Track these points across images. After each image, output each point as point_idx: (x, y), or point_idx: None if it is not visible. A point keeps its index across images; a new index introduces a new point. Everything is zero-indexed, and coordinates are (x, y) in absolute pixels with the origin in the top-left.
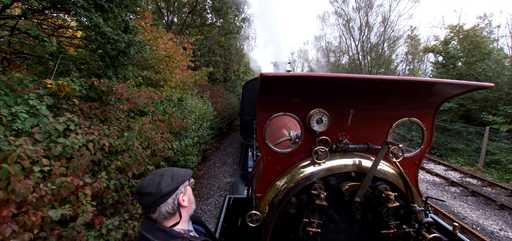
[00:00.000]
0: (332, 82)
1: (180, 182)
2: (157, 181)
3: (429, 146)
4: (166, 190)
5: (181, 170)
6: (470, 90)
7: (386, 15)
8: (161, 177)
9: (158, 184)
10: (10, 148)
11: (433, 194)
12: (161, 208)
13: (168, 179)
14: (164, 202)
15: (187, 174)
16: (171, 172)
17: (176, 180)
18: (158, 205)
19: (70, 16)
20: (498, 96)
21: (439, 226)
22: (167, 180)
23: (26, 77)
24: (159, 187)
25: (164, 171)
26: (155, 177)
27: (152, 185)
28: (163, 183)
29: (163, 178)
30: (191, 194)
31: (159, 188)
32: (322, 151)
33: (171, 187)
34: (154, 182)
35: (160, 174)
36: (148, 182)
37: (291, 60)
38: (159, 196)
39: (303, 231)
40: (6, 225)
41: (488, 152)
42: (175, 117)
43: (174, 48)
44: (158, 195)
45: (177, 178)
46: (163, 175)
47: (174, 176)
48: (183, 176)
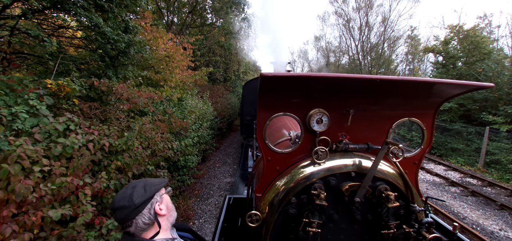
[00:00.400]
0: (332, 82)
1: (154, 191)
2: (129, 193)
3: (429, 146)
4: (139, 201)
5: (154, 179)
6: (470, 90)
7: (386, 15)
8: (133, 189)
9: (130, 196)
10: (10, 148)
11: (433, 194)
12: (137, 220)
13: (140, 190)
14: (140, 214)
15: (161, 183)
16: (144, 183)
17: (149, 189)
18: (133, 217)
19: (70, 16)
20: (498, 96)
21: (439, 226)
22: (139, 191)
23: (26, 77)
24: (131, 199)
25: (136, 183)
26: (127, 190)
27: (124, 198)
28: (135, 194)
29: (135, 190)
30: (169, 202)
31: (131, 200)
32: (322, 151)
33: (145, 197)
34: (126, 195)
35: (132, 186)
36: (119, 197)
37: (291, 60)
38: (133, 208)
39: (303, 231)
40: (6, 225)
41: (488, 152)
42: (175, 117)
43: (174, 48)
44: (131, 207)
45: (150, 188)
46: (135, 187)
47: (147, 186)
48: (157, 185)
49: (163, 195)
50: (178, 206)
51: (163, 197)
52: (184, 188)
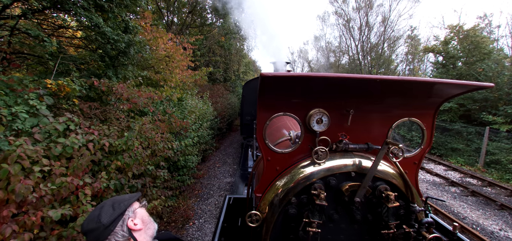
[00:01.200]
0: (332, 82)
1: (123, 207)
2: (96, 215)
3: (429, 146)
4: (107, 220)
5: (125, 196)
6: (470, 90)
7: (386, 15)
8: (100, 209)
9: (98, 217)
10: (10, 148)
11: (433, 194)
12: (111, 240)
13: (108, 209)
14: (111, 233)
15: (132, 197)
16: (112, 202)
17: (118, 207)
18: (104, 238)
19: (70, 16)
20: (498, 96)
21: (439, 226)
22: (107, 211)
23: (26, 77)
24: (99, 220)
25: (104, 203)
26: (95, 212)
27: (92, 221)
28: (103, 214)
29: (102, 210)
30: (146, 215)
31: (99, 221)
32: (322, 151)
33: (113, 215)
34: (94, 217)
35: (100, 207)
36: (88, 220)
37: (291, 60)
38: (102, 229)
39: (303, 231)
40: (6, 225)
41: (488, 152)
42: (175, 117)
43: (174, 48)
44: (100, 228)
45: (119, 205)
46: (102, 207)
47: (115, 204)
48: (127, 200)
49: (136, 210)
50: (178, 206)
51: (137, 212)
52: (184, 188)
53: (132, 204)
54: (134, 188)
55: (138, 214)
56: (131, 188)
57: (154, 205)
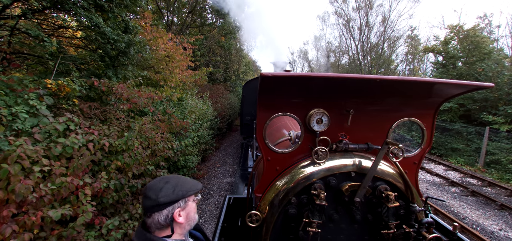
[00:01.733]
0: (332, 82)
1: (181, 196)
2: (159, 187)
3: (429, 146)
4: (163, 200)
5: (188, 182)
6: (470, 90)
7: (386, 15)
8: (164, 184)
9: (158, 191)
10: (10, 148)
11: (433, 194)
12: (154, 217)
13: (169, 188)
14: (159, 212)
15: (191, 189)
16: (176, 182)
17: (177, 192)
18: (153, 212)
19: (70, 16)
20: (498, 96)
21: (439, 226)
22: (167, 190)
23: (26, 77)
24: (157, 194)
25: (170, 178)
26: (159, 183)
27: (153, 190)
28: (163, 191)
29: (165, 186)
30: (192, 211)
31: (157, 196)
32: (322, 151)
33: (169, 198)
34: (156, 188)
35: (165, 180)
36: (151, 186)
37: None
38: (155, 204)
39: (303, 231)
40: (6, 225)
41: (488, 152)
42: (175, 117)
43: (174, 48)
44: (154, 202)
45: (179, 191)
46: (167, 182)
47: (177, 188)
48: (186, 190)
49: (189, 202)
50: None
51: (188, 205)
52: None
53: (189, 196)
54: (134, 188)
55: (187, 207)
56: (131, 188)
57: None
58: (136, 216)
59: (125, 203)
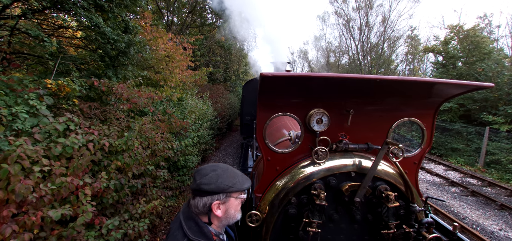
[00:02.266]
0: (332, 82)
1: (222, 189)
2: (205, 173)
3: (429, 146)
4: (204, 187)
5: (235, 177)
6: (470, 90)
7: (386, 15)
8: (211, 171)
9: (202, 177)
10: (10, 148)
11: (433, 194)
12: (196, 200)
13: (213, 178)
14: (200, 197)
15: (235, 185)
16: (223, 173)
17: (219, 184)
18: (195, 195)
19: (70, 16)
20: (498, 96)
21: (439, 226)
22: (211, 178)
23: (26, 77)
24: (202, 180)
25: (219, 168)
26: (208, 169)
27: (199, 174)
28: (206, 179)
29: (210, 174)
30: (233, 209)
31: (200, 181)
32: (322, 151)
33: (209, 187)
34: (203, 173)
35: (214, 168)
36: (200, 169)
37: (291, 60)
38: (198, 189)
39: (303, 231)
40: (6, 225)
41: (488, 152)
42: (175, 117)
43: (174, 48)
44: (197, 186)
45: (221, 183)
46: (215, 170)
47: (221, 179)
48: (229, 185)
49: (231, 198)
50: (178, 206)
51: (230, 200)
52: (184, 188)
53: (233, 192)
54: (134, 188)
55: (228, 203)
56: (131, 188)
57: (154, 205)
58: (136, 216)
59: (125, 203)
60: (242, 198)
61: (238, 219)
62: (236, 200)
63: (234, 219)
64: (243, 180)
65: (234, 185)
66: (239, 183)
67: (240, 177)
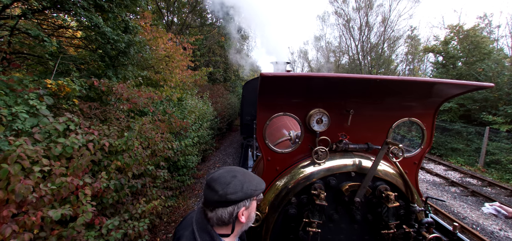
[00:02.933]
0: (332, 82)
1: (249, 194)
2: (227, 181)
3: (429, 146)
4: (231, 197)
5: (254, 179)
6: (470, 90)
7: (386, 15)
8: (232, 178)
9: (226, 186)
10: (10, 148)
11: (433, 194)
12: (218, 212)
13: (237, 185)
14: (224, 208)
15: (257, 188)
16: (244, 178)
17: (246, 190)
18: (217, 207)
19: (70, 16)
20: (498, 96)
21: (439, 226)
22: (236, 186)
23: (26, 77)
24: (226, 189)
25: (237, 172)
26: (227, 176)
27: (221, 184)
28: (231, 187)
29: (233, 181)
30: (254, 211)
31: (225, 191)
32: (322, 151)
33: (237, 196)
34: (223, 181)
35: (233, 174)
36: (217, 177)
37: (291, 60)
38: (223, 200)
39: (303, 231)
40: (6, 225)
41: (488, 152)
42: (175, 117)
43: (174, 48)
44: (221, 197)
45: (247, 188)
46: (235, 176)
47: (245, 185)
48: (254, 189)
49: (253, 202)
50: (178, 206)
51: (252, 204)
52: (184, 188)
53: (256, 195)
54: (134, 188)
55: (250, 208)
56: (131, 188)
57: (154, 205)
58: (136, 216)
59: (125, 203)
60: (260, 198)
61: (254, 218)
62: (255, 202)
63: (253, 220)
64: (260, 181)
65: (257, 187)
66: (259, 184)
67: (257, 178)
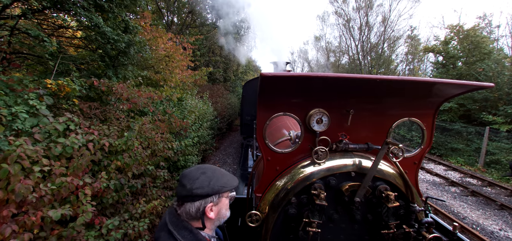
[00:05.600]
0: (332, 82)
1: (216, 190)
2: (195, 177)
3: (429, 146)
4: (196, 192)
5: (224, 176)
6: (470, 90)
7: (386, 15)
8: (200, 174)
9: (193, 181)
10: (10, 148)
11: (433, 194)
12: (186, 206)
13: (204, 180)
14: (191, 203)
15: (226, 185)
16: (213, 174)
17: (212, 186)
18: (185, 201)
19: (70, 16)
20: (498, 96)
21: (439, 226)
22: (203, 182)
23: (26, 77)
24: (192, 184)
25: (207, 169)
26: (196, 172)
27: (188, 179)
28: (198, 182)
29: (201, 177)
30: (224, 208)
31: (191, 186)
32: (322, 151)
33: (203, 191)
34: (192, 177)
35: (202, 171)
36: (187, 174)
37: (291, 60)
38: (189, 194)
39: (303, 231)
40: (6, 225)
41: (488, 152)
42: (175, 117)
43: (173, 48)
44: (188, 192)
45: (214, 185)
46: (204, 173)
47: (213, 181)
48: (221, 186)
49: (222, 198)
50: None
51: (221, 201)
52: None
53: (224, 192)
54: (134, 188)
55: (220, 203)
56: (131, 188)
57: (154, 205)
58: (136, 216)
59: (125, 203)
60: (232, 196)
61: (227, 217)
62: (227, 199)
63: (225, 218)
64: (232, 178)
65: (226, 184)
66: (229, 182)
67: (228, 175)
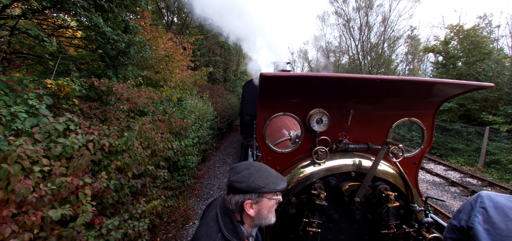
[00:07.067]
0: (332, 82)
1: (253, 188)
2: (239, 170)
3: (429, 146)
4: (235, 185)
5: (269, 177)
6: (470, 90)
7: (386, 15)
8: (245, 169)
9: (236, 174)
10: (10, 148)
11: (433, 194)
12: (228, 196)
13: (245, 176)
14: (232, 194)
15: (267, 186)
16: (256, 172)
17: (251, 183)
18: (229, 192)
19: (70, 16)
20: (498, 96)
21: (439, 226)
22: (244, 177)
23: (26, 77)
24: (234, 177)
25: (252, 166)
26: (242, 166)
27: (234, 171)
28: (239, 177)
29: (244, 172)
30: (266, 210)
31: (233, 178)
32: (322, 151)
33: (241, 186)
34: (237, 170)
35: (247, 167)
36: (236, 165)
37: (291, 60)
38: (229, 185)
39: (303, 231)
40: (6, 225)
41: (488, 152)
42: (175, 117)
43: (173, 48)
44: (229, 183)
45: (253, 183)
46: (248, 169)
47: (252, 178)
48: (261, 186)
49: (263, 199)
50: (178, 206)
51: (262, 201)
52: (184, 188)
53: (265, 193)
54: (134, 188)
55: (261, 203)
56: (131, 188)
57: (154, 205)
58: (136, 216)
59: (125, 203)
60: (276, 199)
61: (272, 222)
62: (270, 201)
63: (267, 220)
64: (277, 181)
65: (266, 185)
66: (272, 183)
67: (274, 177)
